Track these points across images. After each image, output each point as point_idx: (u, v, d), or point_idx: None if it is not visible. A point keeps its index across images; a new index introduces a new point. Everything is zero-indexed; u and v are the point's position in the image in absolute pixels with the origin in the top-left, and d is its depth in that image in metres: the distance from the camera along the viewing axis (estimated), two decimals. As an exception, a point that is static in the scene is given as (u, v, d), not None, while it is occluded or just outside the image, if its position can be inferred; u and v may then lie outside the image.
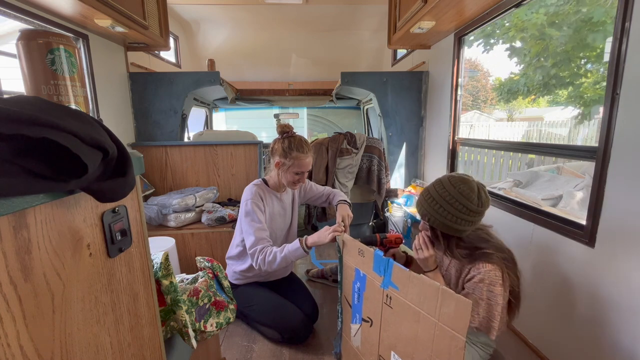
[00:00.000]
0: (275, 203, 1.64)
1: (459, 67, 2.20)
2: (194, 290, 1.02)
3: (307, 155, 1.52)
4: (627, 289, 1.07)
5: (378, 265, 1.06)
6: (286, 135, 1.53)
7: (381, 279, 1.04)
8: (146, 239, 0.68)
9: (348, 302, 1.28)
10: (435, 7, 1.73)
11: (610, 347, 1.13)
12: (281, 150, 1.51)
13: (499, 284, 1.01)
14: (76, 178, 0.40)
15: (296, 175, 1.53)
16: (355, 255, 1.19)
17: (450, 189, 1.04)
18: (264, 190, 1.59)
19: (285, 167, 1.52)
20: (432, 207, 1.07)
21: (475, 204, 1.02)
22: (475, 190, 1.03)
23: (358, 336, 1.24)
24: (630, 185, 1.04)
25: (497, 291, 1.01)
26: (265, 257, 1.42)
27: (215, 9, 3.42)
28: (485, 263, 1.04)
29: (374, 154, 2.65)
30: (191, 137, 3.25)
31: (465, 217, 1.03)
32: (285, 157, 1.51)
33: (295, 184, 1.58)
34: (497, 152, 4.98)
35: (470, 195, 1.02)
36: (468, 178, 1.06)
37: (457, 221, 1.04)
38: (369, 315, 1.15)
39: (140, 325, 0.66)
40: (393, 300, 1.01)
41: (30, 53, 0.60)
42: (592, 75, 6.40)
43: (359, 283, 1.19)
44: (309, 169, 1.55)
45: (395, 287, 1.00)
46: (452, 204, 1.03)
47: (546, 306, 1.42)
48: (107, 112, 2.19)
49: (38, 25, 1.63)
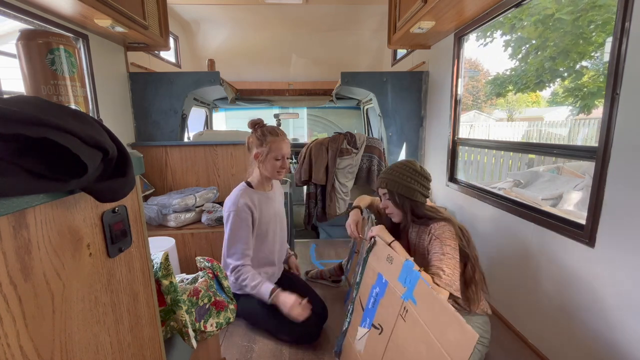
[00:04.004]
0: (264, 203, 1.61)
1: (459, 67, 2.20)
2: (194, 290, 1.02)
3: (282, 138, 1.54)
4: (627, 289, 1.07)
5: (405, 275, 1.07)
6: (257, 126, 1.56)
7: (404, 290, 1.06)
8: (146, 239, 0.68)
9: (362, 304, 1.28)
10: (435, 7, 1.73)
11: (611, 347, 1.13)
12: (256, 140, 1.54)
13: (453, 238, 1.20)
14: (76, 178, 0.40)
15: (277, 162, 1.54)
16: (383, 260, 1.21)
17: (399, 162, 1.37)
18: (249, 195, 1.56)
19: (264, 154, 1.53)
20: (387, 174, 1.35)
21: (419, 167, 1.33)
22: (418, 163, 1.36)
23: (363, 340, 1.23)
24: (630, 185, 1.04)
25: (454, 245, 1.19)
26: (240, 277, 1.49)
27: (215, 9, 3.42)
28: (437, 222, 1.25)
29: (374, 154, 2.65)
30: (191, 137, 3.25)
31: (413, 176, 1.31)
32: (261, 145, 1.52)
33: (279, 172, 1.57)
34: (497, 152, 4.98)
35: (414, 163, 1.35)
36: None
37: (408, 180, 1.30)
38: (381, 323, 1.14)
39: (140, 325, 0.66)
40: (408, 314, 1.02)
41: (30, 53, 0.60)
42: (589, 70, 6.41)
43: (378, 288, 1.20)
44: (288, 152, 1.57)
45: (414, 301, 1.00)
46: (402, 167, 1.33)
47: (546, 306, 1.42)
48: (107, 112, 2.19)
49: (38, 25, 1.63)
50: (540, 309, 1.45)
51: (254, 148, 1.55)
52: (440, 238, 1.20)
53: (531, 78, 7.05)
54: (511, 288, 1.65)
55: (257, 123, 1.57)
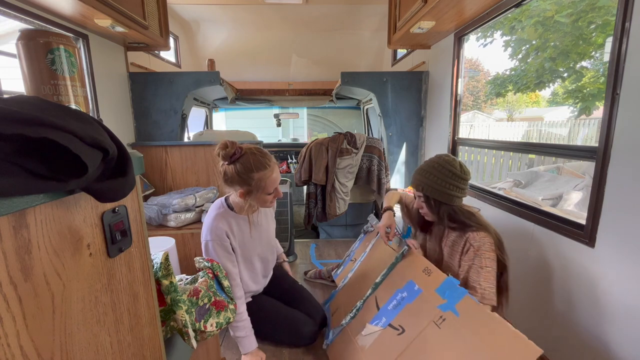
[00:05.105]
0: (245, 228, 1.37)
1: (459, 67, 2.20)
2: (194, 290, 1.02)
3: (272, 169, 1.24)
4: (627, 289, 1.07)
5: (445, 289, 1.14)
6: (234, 158, 1.20)
7: (442, 302, 1.12)
8: (146, 239, 0.68)
9: (377, 304, 1.31)
10: (435, 7, 1.73)
11: (611, 347, 1.13)
12: (238, 178, 1.20)
13: (492, 250, 1.19)
14: (76, 178, 0.40)
15: (269, 196, 1.27)
16: (418, 270, 1.28)
17: (436, 159, 1.29)
18: (230, 220, 1.33)
19: (253, 194, 1.24)
20: (424, 177, 1.28)
21: (458, 169, 1.24)
22: (457, 160, 1.26)
23: (370, 337, 1.25)
24: (630, 185, 1.04)
25: (493, 256, 1.18)
26: None
27: (215, 9, 3.42)
28: (477, 232, 1.22)
29: (374, 154, 2.65)
30: (191, 137, 3.25)
31: (452, 181, 1.23)
32: (247, 184, 1.22)
33: (272, 202, 1.33)
34: (497, 152, 4.98)
35: (454, 163, 1.25)
36: (450, 155, 1.31)
37: (446, 185, 1.23)
38: (403, 325, 1.18)
39: (140, 325, 0.66)
40: (446, 323, 1.07)
41: (30, 53, 0.60)
42: (589, 71, 6.43)
43: (405, 293, 1.25)
44: (279, 178, 1.29)
45: (456, 313, 1.06)
46: (440, 169, 1.25)
47: (546, 306, 1.42)
48: (107, 112, 2.19)
49: (38, 25, 1.63)
50: (539, 308, 1.45)
51: (237, 186, 1.24)
52: (480, 250, 1.19)
53: (531, 78, 7.06)
54: (511, 288, 1.64)
55: (233, 154, 1.19)
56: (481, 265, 1.17)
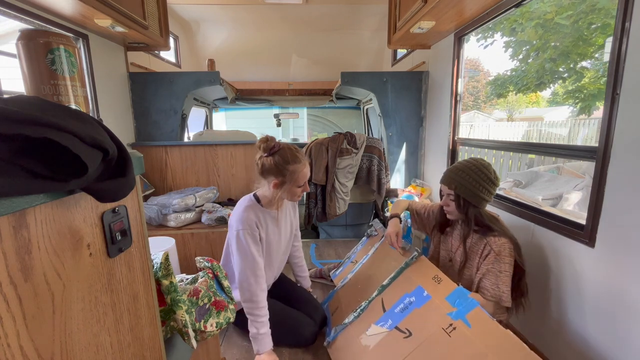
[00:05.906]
0: (271, 225, 1.45)
1: (459, 67, 2.20)
2: (194, 290, 1.02)
3: (304, 164, 1.37)
4: (627, 289, 1.07)
5: (455, 297, 1.15)
6: (273, 150, 1.33)
7: (452, 310, 1.14)
8: (146, 239, 0.68)
9: (384, 305, 1.32)
10: (435, 7, 1.73)
11: (610, 347, 1.13)
12: (275, 168, 1.32)
13: (511, 255, 1.23)
14: (76, 178, 0.40)
15: (298, 189, 1.39)
16: (428, 277, 1.29)
17: (472, 161, 1.32)
18: (258, 213, 1.40)
19: (285, 185, 1.35)
20: (459, 176, 1.31)
21: (493, 175, 1.29)
22: (492, 166, 1.32)
23: (375, 338, 1.26)
24: (630, 185, 1.04)
25: (511, 261, 1.22)
26: (252, 312, 1.33)
27: (215, 9, 3.42)
28: (498, 237, 1.25)
29: (374, 154, 2.65)
30: (191, 137, 3.25)
31: (485, 184, 1.27)
32: (282, 175, 1.33)
33: (299, 196, 1.43)
34: (497, 152, 4.98)
35: (489, 167, 1.30)
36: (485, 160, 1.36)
37: (478, 187, 1.27)
38: (410, 328, 1.19)
39: (140, 325, 0.66)
40: (456, 332, 1.07)
41: (30, 53, 0.60)
42: (589, 71, 6.44)
43: (414, 297, 1.27)
44: (309, 176, 1.42)
45: (467, 323, 1.07)
46: (476, 172, 1.28)
47: (546, 306, 1.42)
48: (107, 112, 2.19)
49: (38, 25, 1.63)
50: (540, 308, 1.45)
51: (272, 177, 1.35)
52: (500, 255, 1.23)
53: (532, 79, 7.06)
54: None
55: (272, 147, 1.33)
56: (500, 270, 1.22)
